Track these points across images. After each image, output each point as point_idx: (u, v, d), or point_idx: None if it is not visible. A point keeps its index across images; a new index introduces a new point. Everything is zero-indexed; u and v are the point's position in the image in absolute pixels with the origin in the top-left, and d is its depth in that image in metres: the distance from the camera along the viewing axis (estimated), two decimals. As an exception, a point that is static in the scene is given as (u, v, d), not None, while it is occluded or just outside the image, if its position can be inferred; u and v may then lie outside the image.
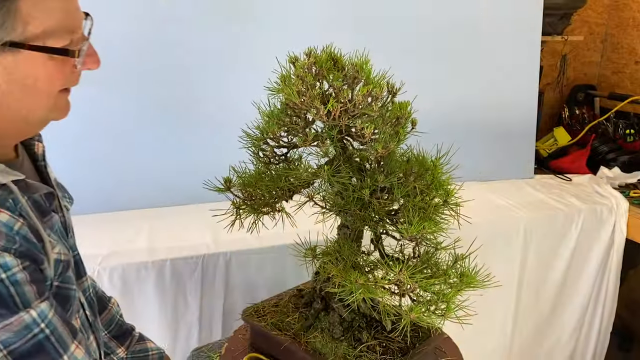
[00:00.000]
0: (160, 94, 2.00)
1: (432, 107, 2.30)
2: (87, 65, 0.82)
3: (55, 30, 0.75)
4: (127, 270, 1.63)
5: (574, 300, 2.34)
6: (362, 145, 1.04)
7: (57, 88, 0.80)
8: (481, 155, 2.51)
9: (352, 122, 0.99)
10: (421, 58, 2.32)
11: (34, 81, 0.76)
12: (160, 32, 1.97)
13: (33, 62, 0.74)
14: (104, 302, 1.22)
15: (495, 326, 2.22)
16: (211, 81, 2.07)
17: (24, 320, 0.72)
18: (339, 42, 1.09)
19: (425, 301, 0.96)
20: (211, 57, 2.05)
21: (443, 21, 2.35)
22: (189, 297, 1.72)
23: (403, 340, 1.14)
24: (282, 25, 2.09)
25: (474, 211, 1.19)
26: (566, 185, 2.55)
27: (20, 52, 0.73)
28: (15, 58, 0.73)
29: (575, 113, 3.03)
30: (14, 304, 0.71)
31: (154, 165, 2.03)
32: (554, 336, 2.34)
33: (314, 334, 1.15)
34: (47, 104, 0.80)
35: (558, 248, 2.24)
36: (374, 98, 0.97)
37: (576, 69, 3.31)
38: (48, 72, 0.76)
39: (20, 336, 0.71)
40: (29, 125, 0.83)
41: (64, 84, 0.81)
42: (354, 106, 0.96)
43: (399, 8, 2.27)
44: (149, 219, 1.92)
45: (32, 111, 0.79)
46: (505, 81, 2.52)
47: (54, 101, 0.80)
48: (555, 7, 2.76)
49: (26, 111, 0.79)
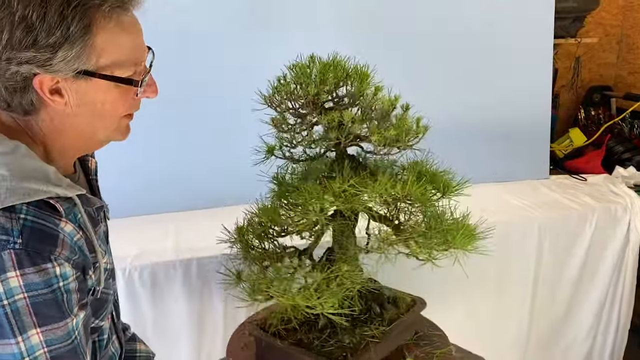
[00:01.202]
0: (184, 101, 2.11)
1: (447, 109, 2.37)
2: (146, 94, 0.93)
3: (123, 62, 0.85)
4: (156, 269, 1.73)
5: (590, 298, 2.36)
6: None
7: (120, 113, 0.91)
8: (496, 157, 2.56)
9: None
10: (436, 61, 2.39)
11: (101, 105, 0.87)
12: (181, 41, 2.08)
13: (102, 89, 0.85)
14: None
15: (512, 324, 2.26)
16: (230, 89, 2.16)
17: (68, 326, 0.82)
18: (353, 50, 1.17)
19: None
20: (231, 64, 2.15)
21: (456, 25, 2.41)
22: (214, 294, 1.82)
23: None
24: (298, 34, 2.18)
25: (489, 211, 1.25)
26: (581, 185, 2.58)
27: (92, 80, 0.83)
28: (87, 85, 0.84)
29: (591, 114, 3.06)
30: (64, 311, 0.81)
31: (179, 171, 2.13)
32: (571, 334, 2.37)
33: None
34: (111, 127, 0.91)
35: (573, 247, 2.27)
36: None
37: (592, 70, 3.33)
38: (113, 98, 0.87)
39: (62, 340, 0.81)
40: (91, 144, 0.94)
41: (127, 110, 0.91)
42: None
43: (411, 13, 2.34)
44: (175, 221, 2.03)
45: (97, 132, 0.91)
46: (519, 83, 2.56)
47: (117, 124, 0.92)
48: (567, 11, 2.80)
49: (92, 132, 0.90)
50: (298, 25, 2.19)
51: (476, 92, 2.50)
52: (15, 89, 0.81)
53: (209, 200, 2.11)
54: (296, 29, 2.18)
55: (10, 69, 0.79)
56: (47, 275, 0.78)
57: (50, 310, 0.79)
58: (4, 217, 0.77)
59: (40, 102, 0.84)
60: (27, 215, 0.78)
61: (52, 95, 0.83)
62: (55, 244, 0.79)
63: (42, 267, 0.77)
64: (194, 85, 2.12)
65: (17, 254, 0.76)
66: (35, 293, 0.78)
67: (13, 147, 0.82)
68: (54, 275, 0.79)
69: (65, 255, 0.80)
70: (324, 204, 1.07)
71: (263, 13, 2.18)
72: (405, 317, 1.29)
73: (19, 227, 0.77)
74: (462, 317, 2.15)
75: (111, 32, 0.82)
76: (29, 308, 0.77)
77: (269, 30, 2.18)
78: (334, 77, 1.11)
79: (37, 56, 0.78)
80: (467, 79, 2.47)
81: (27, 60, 0.78)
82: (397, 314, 1.31)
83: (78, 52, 0.79)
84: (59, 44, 0.78)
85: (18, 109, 0.85)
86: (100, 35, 0.81)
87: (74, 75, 0.82)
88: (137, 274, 1.72)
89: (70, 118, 0.86)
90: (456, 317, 2.12)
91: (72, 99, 0.84)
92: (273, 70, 1.22)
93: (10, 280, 0.76)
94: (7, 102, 0.84)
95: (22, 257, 0.76)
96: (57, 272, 0.79)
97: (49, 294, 0.79)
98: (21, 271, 0.76)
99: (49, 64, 0.79)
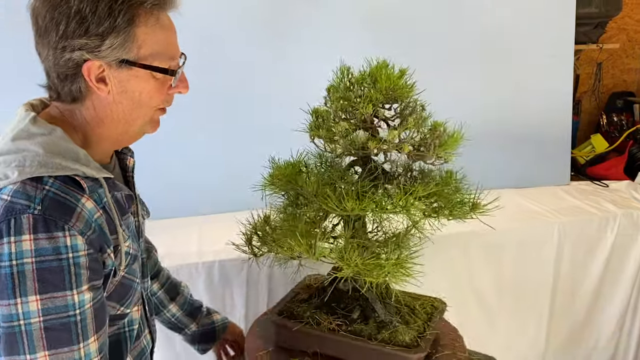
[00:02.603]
0: (209, 106, 2.17)
1: (470, 116, 2.36)
2: (178, 89, 1.01)
3: (160, 54, 0.95)
4: (180, 271, 1.78)
5: (612, 305, 2.34)
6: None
7: (155, 104, 0.99)
8: (517, 163, 2.57)
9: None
10: (457, 69, 2.41)
11: (139, 95, 0.96)
12: (205, 48, 2.14)
13: (141, 78, 0.95)
14: (177, 288, 1.47)
15: (530, 330, 2.26)
16: (256, 94, 2.21)
17: (67, 299, 0.85)
18: (370, 51, 1.21)
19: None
20: (256, 71, 2.21)
21: (478, 33, 2.44)
22: (235, 295, 1.86)
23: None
24: (322, 42, 2.23)
25: (508, 217, 1.26)
26: (603, 192, 2.56)
27: (132, 69, 0.93)
28: (129, 73, 0.93)
29: (614, 120, 3.04)
30: (68, 281, 0.85)
31: (203, 175, 2.19)
32: (591, 340, 2.36)
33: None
34: (146, 117, 0.99)
35: (593, 253, 2.26)
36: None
37: (614, 76, 3.31)
38: (150, 88, 0.96)
39: (58, 311, 0.85)
40: (126, 135, 1.01)
41: (161, 102, 1.00)
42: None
43: (432, 21, 2.38)
44: (198, 225, 2.08)
45: (133, 121, 0.98)
46: (540, 90, 2.56)
47: (151, 115, 1.00)
48: (589, 16, 2.80)
49: (128, 121, 0.98)
50: (322, 28, 2.24)
51: (497, 98, 2.51)
52: (67, 76, 0.92)
53: (233, 204, 2.16)
54: (320, 32, 2.23)
55: (64, 56, 0.90)
56: (57, 244, 0.83)
57: (54, 278, 0.84)
58: (31, 185, 0.85)
59: (87, 89, 0.93)
60: (51, 187, 0.86)
61: (98, 82, 0.92)
62: (71, 215, 0.85)
63: (53, 235, 0.83)
64: (219, 90, 2.17)
65: (34, 218, 0.83)
66: (43, 259, 0.83)
67: (50, 129, 0.91)
68: (63, 244, 0.84)
69: (79, 227, 0.86)
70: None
71: (290, 17, 2.23)
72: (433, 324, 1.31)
73: (42, 196, 0.84)
74: (480, 322, 2.15)
75: (151, 27, 0.93)
76: (34, 273, 0.82)
77: (296, 34, 2.23)
78: (388, 93, 1.16)
79: (88, 43, 0.89)
80: (487, 85, 2.49)
81: (79, 47, 0.89)
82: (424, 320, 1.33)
83: (122, 41, 0.90)
84: (107, 33, 0.89)
85: (67, 97, 0.95)
86: (142, 28, 0.92)
87: (118, 63, 0.92)
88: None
89: (112, 106, 0.95)
90: (474, 322, 2.13)
91: (115, 87, 0.94)
92: (299, 75, 1.25)
93: (23, 243, 0.82)
94: (58, 90, 0.94)
95: (39, 222, 0.83)
96: (67, 242, 0.84)
97: (54, 262, 0.83)
98: (34, 235, 0.82)
99: (98, 50, 0.89)
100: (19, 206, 0.83)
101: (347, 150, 1.19)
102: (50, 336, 0.85)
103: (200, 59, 2.14)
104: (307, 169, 1.27)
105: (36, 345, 0.84)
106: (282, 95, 2.17)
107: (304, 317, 1.31)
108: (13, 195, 0.84)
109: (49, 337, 0.85)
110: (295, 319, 1.32)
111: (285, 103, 1.15)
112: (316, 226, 1.18)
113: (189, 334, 1.48)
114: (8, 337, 0.84)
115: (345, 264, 1.12)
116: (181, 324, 1.47)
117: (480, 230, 1.23)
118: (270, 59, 2.22)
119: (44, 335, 0.85)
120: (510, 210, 2.18)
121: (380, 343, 1.21)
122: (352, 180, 1.18)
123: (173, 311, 1.45)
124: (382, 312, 1.26)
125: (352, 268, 1.11)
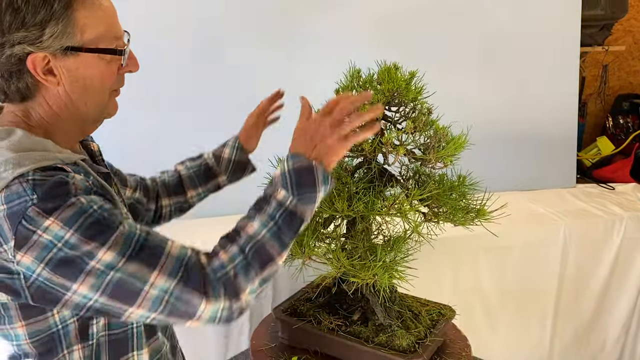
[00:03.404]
0: (215, 108, 2.18)
1: (475, 119, 2.37)
2: (129, 68, 0.99)
3: (104, 35, 0.92)
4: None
5: (618, 308, 2.33)
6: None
7: (108, 86, 0.96)
8: (522, 165, 2.56)
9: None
10: (464, 71, 2.42)
11: (90, 81, 0.93)
12: (214, 52, 2.15)
13: (89, 63, 0.92)
14: (179, 185, 1.39)
15: (534, 333, 2.25)
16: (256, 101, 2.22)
17: (125, 231, 0.84)
18: (377, 51, 1.21)
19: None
20: (261, 76, 2.21)
21: (484, 36, 2.44)
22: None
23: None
24: (327, 46, 2.24)
25: (513, 219, 1.26)
26: (609, 194, 2.55)
27: (79, 55, 0.90)
28: (76, 61, 0.90)
29: (620, 122, 3.02)
30: (112, 223, 0.84)
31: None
32: (597, 344, 2.35)
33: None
34: (102, 102, 0.97)
35: (599, 256, 2.25)
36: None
37: (620, 78, 3.30)
38: (101, 71, 0.93)
39: (129, 241, 0.83)
40: (86, 123, 0.99)
41: (113, 84, 0.97)
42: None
43: (439, 24, 2.38)
44: (206, 227, 2.08)
45: (90, 109, 0.95)
46: (546, 92, 2.56)
47: (106, 100, 0.98)
48: (595, 19, 2.79)
49: (85, 108, 0.95)
50: (332, 31, 2.25)
51: (502, 100, 2.52)
52: (11, 73, 0.89)
53: (241, 207, 2.16)
54: (329, 35, 2.24)
55: (5, 53, 0.87)
56: (77, 207, 0.82)
57: (100, 230, 0.82)
58: (16, 184, 0.82)
59: (35, 85, 0.90)
60: (34, 176, 0.82)
61: (46, 75, 0.89)
62: (68, 187, 0.83)
63: (68, 204, 0.81)
64: (226, 92, 2.19)
65: (38, 206, 0.80)
66: (78, 224, 0.81)
67: (9, 131, 0.89)
68: (82, 204, 0.82)
69: (82, 190, 0.84)
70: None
71: (302, 21, 2.24)
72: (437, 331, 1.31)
73: (30, 186, 0.81)
74: (485, 324, 2.15)
75: (90, 9, 0.90)
76: (82, 238, 0.81)
77: (305, 37, 2.24)
78: (394, 91, 1.16)
79: (28, 35, 0.85)
80: (493, 87, 2.49)
81: (19, 41, 0.86)
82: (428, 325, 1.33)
83: (63, 28, 0.87)
84: (45, 21, 0.86)
85: (15, 96, 0.91)
86: (81, 11, 0.88)
87: (63, 51, 0.88)
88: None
89: (65, 97, 0.92)
90: (478, 325, 2.13)
91: (64, 77, 0.90)
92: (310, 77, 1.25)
93: (51, 227, 0.80)
94: (4, 90, 0.91)
95: (46, 206, 0.80)
96: (83, 201, 0.83)
97: (89, 218, 0.82)
98: (53, 217, 0.80)
99: (39, 41, 0.86)
100: (17, 207, 0.80)
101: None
102: (143, 259, 0.84)
103: (208, 62, 2.16)
104: None
105: (142, 275, 0.83)
106: (292, 98, 2.17)
107: (307, 316, 1.32)
108: (4, 202, 0.81)
109: (143, 260, 0.84)
110: (299, 317, 1.32)
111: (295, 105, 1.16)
112: (312, 225, 1.18)
113: (226, 182, 1.41)
114: (118, 291, 0.83)
115: (331, 264, 1.12)
116: (214, 189, 1.40)
117: (485, 233, 1.23)
118: (280, 61, 2.23)
119: (138, 263, 0.83)
120: (515, 212, 2.15)
121: (375, 346, 1.21)
122: (350, 181, 1.18)
123: (196, 193, 1.40)
124: (381, 315, 1.26)
125: (337, 268, 1.12)
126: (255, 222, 0.92)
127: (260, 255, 0.90)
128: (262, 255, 0.90)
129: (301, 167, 0.94)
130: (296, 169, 0.94)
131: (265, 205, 0.94)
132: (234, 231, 0.93)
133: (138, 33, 1.03)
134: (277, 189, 0.95)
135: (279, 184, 0.95)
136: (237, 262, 0.88)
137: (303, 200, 0.94)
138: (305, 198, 0.94)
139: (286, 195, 0.93)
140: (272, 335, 1.39)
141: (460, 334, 1.44)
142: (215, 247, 0.91)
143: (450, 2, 2.39)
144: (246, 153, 1.40)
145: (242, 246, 0.89)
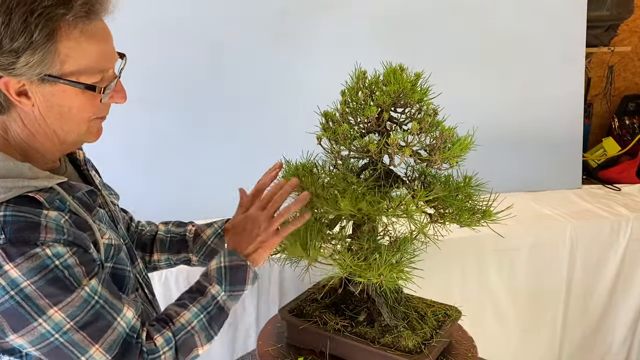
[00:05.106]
0: (218, 115, 2.18)
1: (481, 119, 2.36)
2: (114, 100, 0.95)
3: (88, 69, 0.88)
4: (191, 274, 1.79)
5: (625, 309, 2.32)
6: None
7: (88, 116, 0.93)
8: (528, 166, 2.56)
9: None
10: (469, 72, 2.41)
11: (68, 109, 0.90)
12: (213, 57, 2.16)
13: (67, 93, 0.88)
14: (151, 245, 1.32)
15: (544, 334, 2.24)
16: (259, 103, 2.22)
17: (81, 296, 0.86)
18: (382, 51, 1.21)
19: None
20: (260, 79, 2.22)
21: (489, 37, 2.44)
22: (247, 301, 1.87)
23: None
24: (329, 48, 2.24)
25: (520, 220, 1.26)
26: (615, 195, 2.54)
27: (56, 84, 0.87)
28: (52, 89, 0.87)
29: (626, 123, 3.02)
30: (70, 284, 0.85)
31: (211, 182, 2.20)
32: (604, 345, 2.34)
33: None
34: (80, 129, 0.94)
35: (606, 257, 2.24)
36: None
37: (626, 79, 3.29)
38: (80, 103, 0.90)
39: (82, 309, 0.86)
40: (64, 145, 0.96)
41: (94, 114, 0.94)
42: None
43: (444, 24, 2.38)
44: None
45: (66, 134, 0.93)
46: (551, 93, 2.55)
47: (86, 127, 0.94)
48: (601, 19, 2.78)
49: (61, 134, 0.92)
50: (328, 40, 2.25)
51: (508, 101, 2.51)
52: None
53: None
54: (335, 37, 2.24)
55: None
56: (40, 259, 0.82)
57: (57, 287, 0.84)
58: None
59: (8, 102, 0.88)
60: (6, 212, 0.82)
61: (19, 96, 0.86)
62: (38, 230, 0.83)
63: (31, 254, 0.82)
64: (235, 96, 2.19)
65: (3, 248, 0.80)
66: (37, 277, 0.82)
67: None
68: (46, 257, 0.83)
69: (52, 237, 0.84)
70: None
71: (305, 24, 2.24)
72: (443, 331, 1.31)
73: (1, 225, 0.81)
74: (493, 326, 2.14)
75: (76, 40, 0.85)
76: (37, 292, 0.82)
77: (309, 40, 2.24)
78: (400, 92, 1.16)
79: (1, 60, 0.82)
80: (498, 88, 2.49)
81: None
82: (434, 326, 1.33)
83: (41, 58, 0.83)
84: (22, 50, 0.81)
85: None
86: (64, 42, 0.84)
87: (39, 79, 0.85)
88: (173, 279, 1.79)
89: (40, 121, 0.90)
90: (487, 327, 2.13)
91: (39, 101, 0.88)
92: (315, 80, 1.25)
93: (9, 273, 0.81)
94: None
95: (10, 250, 0.80)
96: (48, 253, 0.83)
97: (49, 274, 0.83)
98: (14, 263, 0.81)
99: (12, 68, 0.83)
100: None
101: (352, 152, 1.19)
102: (90, 331, 0.87)
103: (213, 65, 2.16)
104: (317, 170, 1.27)
105: (83, 346, 0.86)
106: (297, 100, 2.17)
107: (313, 316, 1.32)
108: None
109: (90, 332, 0.87)
110: (305, 318, 1.32)
111: (300, 107, 1.15)
112: (316, 227, 1.19)
113: (197, 263, 1.33)
114: (53, 353, 0.85)
115: (336, 264, 1.13)
116: (184, 262, 1.33)
117: (492, 234, 1.23)
118: (280, 61, 2.23)
119: (84, 333, 0.86)
120: (521, 214, 2.16)
121: (381, 347, 1.22)
122: (355, 181, 1.18)
123: (164, 258, 1.33)
124: (387, 316, 1.26)
125: (343, 269, 1.13)
126: (188, 312, 1.00)
127: (189, 345, 0.99)
128: (190, 345, 0.99)
129: (237, 266, 1.05)
130: (232, 267, 1.05)
131: (199, 296, 1.03)
132: (167, 316, 1.00)
133: (138, 34, 1.01)
134: (212, 283, 1.04)
135: (214, 279, 1.04)
136: (168, 347, 0.96)
137: (232, 297, 1.05)
138: (235, 295, 1.05)
139: (219, 291, 1.03)
140: (278, 335, 1.40)
141: (466, 334, 1.43)
142: (150, 329, 0.97)
143: (457, 3, 2.39)
144: (225, 243, 1.32)
145: (175, 333, 0.98)
